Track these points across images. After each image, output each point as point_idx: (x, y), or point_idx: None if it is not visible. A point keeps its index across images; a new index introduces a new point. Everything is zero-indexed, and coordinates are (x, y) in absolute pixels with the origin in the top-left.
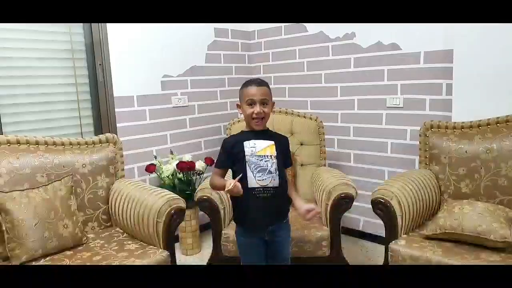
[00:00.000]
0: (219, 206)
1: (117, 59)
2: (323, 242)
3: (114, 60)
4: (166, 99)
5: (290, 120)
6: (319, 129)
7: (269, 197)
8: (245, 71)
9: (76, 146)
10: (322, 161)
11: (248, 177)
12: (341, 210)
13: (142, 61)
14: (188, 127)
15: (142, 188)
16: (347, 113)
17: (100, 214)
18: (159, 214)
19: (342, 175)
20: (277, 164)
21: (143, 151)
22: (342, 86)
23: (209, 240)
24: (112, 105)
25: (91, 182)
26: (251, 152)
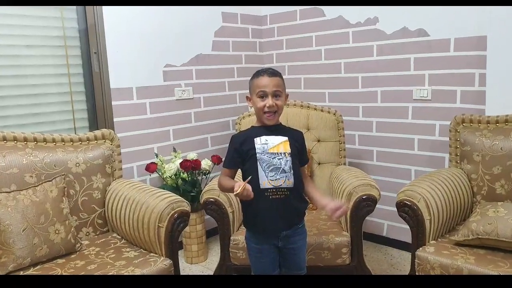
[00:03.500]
0: (227, 209)
1: (114, 47)
2: (343, 249)
3: (111, 48)
4: (169, 91)
5: (306, 114)
6: (338, 124)
7: (283, 198)
8: (256, 60)
9: (68, 143)
10: (341, 159)
11: (259, 176)
12: (363, 213)
13: (142, 49)
14: (193, 122)
15: (142, 189)
16: (369, 106)
17: (96, 218)
18: (160, 218)
19: (364, 174)
20: (291, 162)
21: (143, 148)
22: (364, 76)
23: (216, 247)
24: (109, 97)
25: (85, 183)
26: (262, 149)
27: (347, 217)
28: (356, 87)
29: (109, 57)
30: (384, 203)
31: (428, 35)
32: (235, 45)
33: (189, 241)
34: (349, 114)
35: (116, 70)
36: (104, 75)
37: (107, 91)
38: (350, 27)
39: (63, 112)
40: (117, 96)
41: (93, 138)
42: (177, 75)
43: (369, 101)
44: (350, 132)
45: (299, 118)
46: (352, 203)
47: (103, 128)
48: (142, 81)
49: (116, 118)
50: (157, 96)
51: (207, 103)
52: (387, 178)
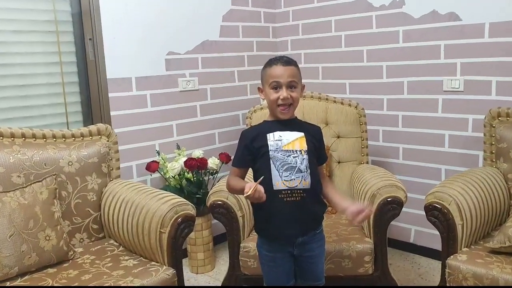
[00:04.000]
0: (237, 213)
1: (111, 33)
2: (365, 257)
3: (108, 33)
4: (172, 81)
5: (324, 107)
6: (360, 118)
7: (299, 201)
8: (268, 47)
9: (60, 140)
10: (363, 157)
11: (272, 176)
12: (387, 217)
13: (142, 35)
14: (199, 116)
15: (142, 191)
16: (395, 98)
17: (91, 223)
18: (163, 223)
19: (389, 174)
20: (308, 161)
21: (143, 145)
22: (389, 65)
23: (224, 255)
24: (105, 89)
25: (79, 183)
26: (276, 146)
27: (370, 221)
28: (380, 77)
29: (105, 44)
30: (411, 206)
31: (460, 19)
32: (245, 31)
33: (195, 249)
34: (372, 107)
35: (113, 58)
36: (100, 64)
37: (103, 81)
38: (373, 10)
39: (54, 105)
40: (114, 87)
41: (87, 134)
42: (181, 64)
43: (394, 93)
44: (374, 127)
45: (316, 112)
46: (376, 206)
47: (99, 123)
48: (142, 71)
49: (113, 111)
50: (159, 87)
51: (214, 95)
52: (415, 178)
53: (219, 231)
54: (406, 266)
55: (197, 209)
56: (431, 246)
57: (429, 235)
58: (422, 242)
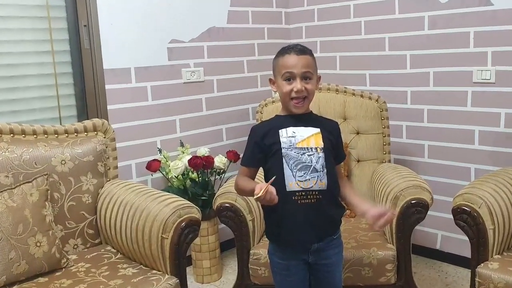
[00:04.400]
0: (246, 216)
1: (108, 19)
2: (387, 265)
3: (104, 19)
4: (175, 72)
5: (342, 100)
6: (381, 112)
7: (314, 203)
8: (281, 35)
9: (52, 136)
10: (385, 155)
11: (285, 177)
12: (411, 221)
13: (142, 21)
14: (204, 110)
15: (142, 192)
16: (420, 90)
17: (86, 228)
18: (165, 228)
19: (413, 174)
20: (324, 159)
21: (143, 142)
22: (413, 54)
23: (233, 263)
24: (102, 80)
25: (73, 184)
26: (289, 143)
27: (393, 226)
28: (403, 68)
29: (101, 31)
30: (437, 209)
31: (491, 3)
32: (255, 16)
33: (200, 256)
34: (394, 100)
35: (111, 46)
36: (96, 53)
37: (99, 72)
38: None
39: (46, 98)
40: (112, 78)
41: (82, 130)
42: (185, 53)
43: (419, 85)
44: (396, 122)
45: (333, 106)
46: (399, 209)
47: (95, 118)
48: (142, 60)
49: (110, 105)
50: (161, 78)
51: (221, 87)
52: (441, 178)
53: (227, 236)
54: (432, 275)
55: (203, 212)
56: (459, 253)
57: (457, 241)
58: (450, 248)
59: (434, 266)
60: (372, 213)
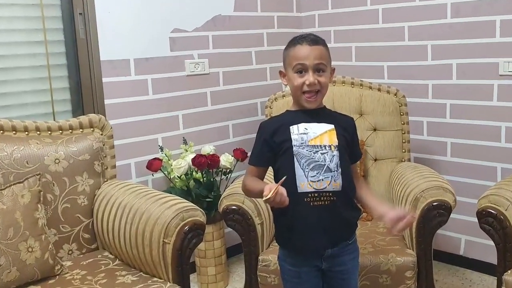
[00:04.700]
0: (254, 219)
1: (105, 6)
2: (407, 272)
3: (101, 7)
4: (178, 63)
5: (358, 94)
6: (400, 107)
7: (328, 206)
8: (292, 24)
9: (45, 133)
10: (405, 153)
11: (297, 177)
12: (433, 225)
13: (142, 8)
14: (209, 105)
15: (142, 193)
16: (442, 84)
17: (81, 232)
18: (166, 232)
19: (435, 174)
20: (339, 158)
21: (143, 140)
22: (435, 44)
23: (240, 270)
24: (99, 72)
25: (67, 185)
26: (301, 140)
27: (413, 230)
28: (424, 59)
29: (98, 19)
30: (461, 211)
31: None
32: (264, 4)
33: (204, 262)
34: (414, 94)
35: (108, 36)
36: (93, 43)
37: (95, 64)
38: None
39: (38, 92)
40: (109, 70)
41: (77, 126)
42: (188, 43)
43: (441, 78)
44: (417, 118)
45: (349, 100)
46: (419, 211)
47: (91, 113)
48: (143, 51)
49: (108, 99)
50: (162, 70)
51: (227, 80)
52: (465, 178)
53: (234, 241)
54: (455, 282)
55: (207, 215)
56: (484, 259)
57: (482, 246)
58: (474, 254)
59: (457, 274)
60: (390, 216)
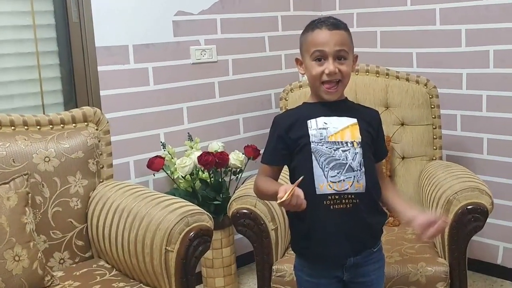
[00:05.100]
0: (268, 225)
1: None
2: (438, 283)
3: None
4: (182, 50)
5: (383, 84)
6: (431, 99)
7: (350, 209)
8: (310, 5)
9: (34, 128)
10: (436, 151)
11: (315, 177)
12: (467, 231)
13: None
14: (217, 97)
15: (142, 196)
16: (478, 73)
17: (74, 239)
18: (169, 239)
19: (469, 174)
20: (362, 156)
21: (143, 135)
22: (469, 29)
23: (251, 281)
24: (94, 60)
25: (58, 186)
26: (320, 136)
27: (445, 236)
28: (457, 45)
29: (93, 0)
30: (499, 216)
31: None
32: None
33: (212, 272)
34: (447, 84)
35: (104, 20)
36: (87, 28)
37: (90, 51)
38: None
39: (26, 82)
40: (106, 58)
41: (70, 121)
42: (194, 28)
43: (477, 66)
44: (449, 111)
45: (373, 91)
46: (452, 216)
47: (85, 106)
48: (143, 37)
49: (104, 90)
50: (165, 58)
51: (237, 68)
52: (503, 179)
53: (244, 249)
54: None
55: (215, 220)
56: None
57: None
58: None
59: (495, 285)
60: (420, 220)
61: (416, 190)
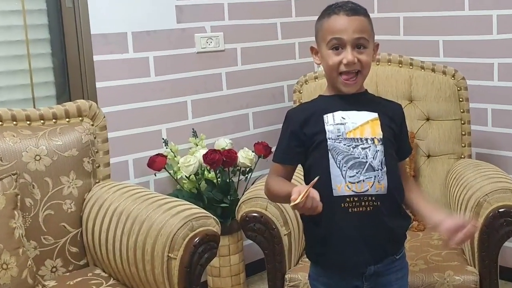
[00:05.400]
0: (280, 229)
1: None
2: None
3: None
4: (186, 38)
5: (407, 75)
6: (459, 91)
7: (370, 212)
8: None
9: (23, 123)
10: (464, 148)
11: (332, 177)
12: (499, 237)
13: None
14: (225, 89)
15: (142, 198)
16: (510, 63)
17: (67, 245)
18: (172, 245)
19: (501, 174)
20: (384, 154)
21: (143, 131)
22: (502, 14)
23: None
24: (89, 49)
25: (50, 187)
26: (337, 132)
27: (474, 242)
28: (488, 32)
29: None
30: None
31: None
32: None
33: (219, 282)
34: (477, 76)
35: (101, 4)
36: (82, 13)
37: (85, 39)
38: None
39: (15, 73)
40: (102, 47)
41: (62, 115)
42: (199, 13)
43: (509, 55)
44: (479, 105)
45: (396, 83)
46: (483, 219)
47: (79, 99)
48: (143, 23)
49: (100, 82)
50: (167, 46)
51: (247, 58)
52: None
53: (254, 256)
54: None
55: (223, 224)
56: None
57: None
58: None
59: None
60: (447, 225)
61: (443, 192)
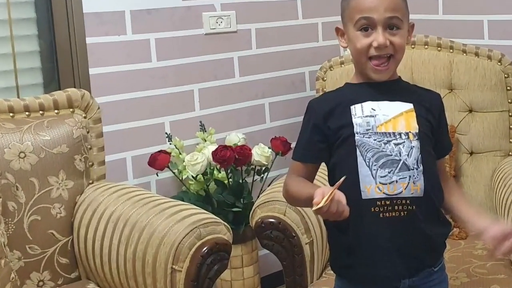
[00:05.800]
0: (301, 238)
1: None
2: None
3: None
4: (192, 18)
5: (446, 60)
6: (506, 79)
7: (405, 218)
8: None
9: (5, 116)
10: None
11: (360, 177)
12: None
13: None
14: (237, 76)
15: (143, 201)
16: None
17: (56, 255)
18: (177, 255)
19: None
20: (420, 151)
21: (144, 125)
22: None
23: None
24: (81, 30)
25: (37, 189)
26: (366, 126)
27: None
28: None
29: None
30: None
31: None
32: None
33: None
34: None
35: None
36: None
37: (77, 18)
38: None
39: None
40: (96, 27)
41: (51, 106)
42: None
43: None
44: None
45: (434, 69)
46: None
47: (70, 87)
48: (143, 0)
49: (93, 68)
50: (171, 27)
51: (262, 40)
52: None
53: (271, 268)
54: None
55: (235, 231)
56: None
57: None
58: None
59: None
60: (492, 232)
61: (488, 194)
